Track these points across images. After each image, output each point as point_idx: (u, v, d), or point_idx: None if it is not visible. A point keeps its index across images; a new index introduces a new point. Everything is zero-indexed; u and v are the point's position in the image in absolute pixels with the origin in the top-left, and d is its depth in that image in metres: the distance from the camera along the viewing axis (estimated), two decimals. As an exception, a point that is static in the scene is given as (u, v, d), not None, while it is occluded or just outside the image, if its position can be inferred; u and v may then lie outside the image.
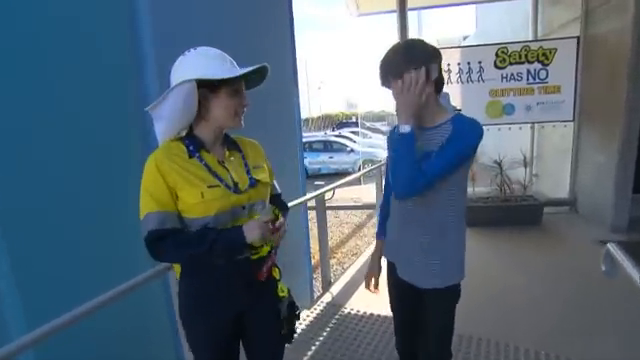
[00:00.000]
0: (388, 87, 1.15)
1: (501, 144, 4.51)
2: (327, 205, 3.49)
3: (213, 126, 1.08)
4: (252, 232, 1.00)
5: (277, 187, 1.31)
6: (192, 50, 1.05)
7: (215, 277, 1.07)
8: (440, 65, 1.13)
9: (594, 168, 4.12)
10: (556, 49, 4.12)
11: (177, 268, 1.13)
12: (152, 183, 0.99)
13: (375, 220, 4.84)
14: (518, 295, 2.69)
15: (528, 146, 4.98)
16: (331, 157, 11.95)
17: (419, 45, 1.12)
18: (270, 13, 2.81)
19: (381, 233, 1.40)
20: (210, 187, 1.02)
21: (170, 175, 0.99)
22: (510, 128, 4.50)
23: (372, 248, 1.27)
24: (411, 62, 1.08)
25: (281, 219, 1.11)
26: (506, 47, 4.27)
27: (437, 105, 1.17)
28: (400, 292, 1.34)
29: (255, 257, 1.10)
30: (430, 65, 1.09)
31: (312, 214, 3.65)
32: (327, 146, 12.30)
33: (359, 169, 10.06)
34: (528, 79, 4.28)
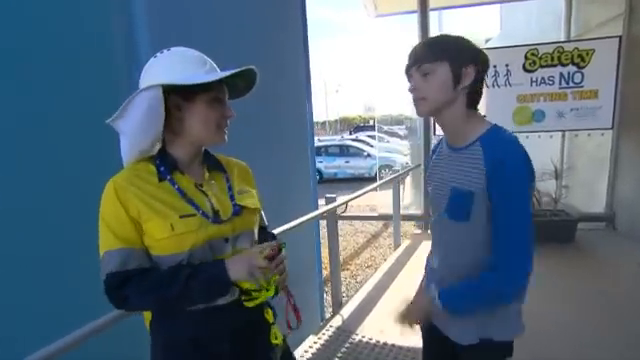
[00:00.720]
0: (409, 79, 0.95)
1: (529, 153, 4.17)
2: (340, 215, 3.28)
3: (189, 142, 0.88)
4: (237, 267, 0.81)
5: (264, 219, 1.11)
6: (165, 51, 0.86)
7: (193, 321, 0.87)
8: (481, 71, 0.89)
9: (635, 181, 3.74)
10: (594, 50, 3.77)
11: (147, 315, 0.93)
12: (111, 214, 0.81)
13: (391, 230, 4.57)
14: (550, 325, 2.37)
15: (559, 156, 4.61)
16: (347, 161, 11.78)
17: (455, 40, 0.90)
18: (282, 17, 2.65)
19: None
20: (183, 217, 0.82)
21: (133, 204, 0.80)
22: (540, 136, 4.16)
23: (388, 260, 1.07)
24: (436, 54, 0.87)
25: (283, 252, 0.90)
26: (536, 48, 3.95)
27: (468, 120, 0.93)
28: (431, 342, 1.12)
29: (250, 304, 0.89)
30: (463, 65, 0.87)
31: (324, 223, 3.43)
32: (343, 150, 12.14)
33: (375, 175, 9.79)
34: (561, 83, 3.94)
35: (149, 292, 0.80)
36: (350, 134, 20.69)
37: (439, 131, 4.23)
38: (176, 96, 0.83)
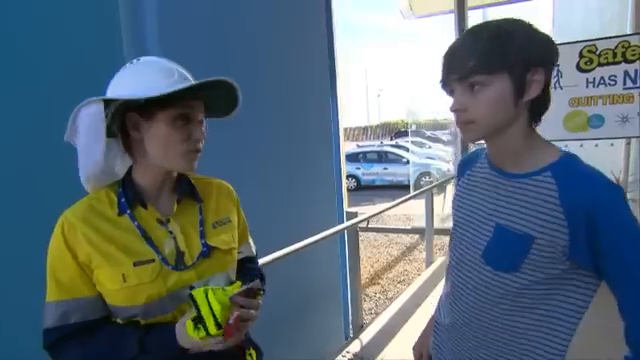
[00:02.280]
0: (448, 92, 0.71)
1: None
2: (368, 226, 3.07)
3: (152, 168, 0.77)
4: (186, 336, 0.68)
5: (252, 247, 0.97)
6: (135, 61, 0.75)
7: None
8: (550, 73, 0.67)
9: None
10: (667, 44, 3.24)
11: None
12: (55, 257, 0.71)
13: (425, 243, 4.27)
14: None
15: (622, 166, 4.04)
16: (385, 168, 11.47)
17: (516, 33, 0.63)
18: (303, 20, 2.54)
19: None
20: (139, 264, 0.71)
21: (82, 248, 0.70)
22: (597, 144, 3.66)
23: (419, 278, 0.92)
24: (492, 64, 0.63)
25: (254, 302, 0.74)
26: (594, 44, 3.49)
27: (530, 141, 0.70)
28: None
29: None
30: (529, 70, 0.64)
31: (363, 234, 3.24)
32: (381, 156, 11.84)
33: (414, 183, 9.38)
34: (625, 83, 3.43)
35: (88, 355, 0.70)
36: (391, 139, 20.22)
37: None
38: (134, 113, 0.72)
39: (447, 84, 0.69)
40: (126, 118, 0.73)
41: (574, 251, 0.63)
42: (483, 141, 0.75)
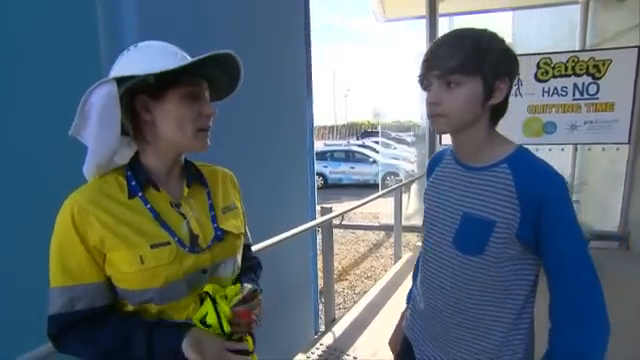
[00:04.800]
0: (424, 87, 0.78)
1: (539, 166, 3.99)
2: (340, 223, 3.13)
3: (164, 151, 0.76)
4: (195, 350, 0.68)
5: (249, 235, 0.98)
6: (132, 47, 0.74)
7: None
8: (512, 85, 0.76)
9: (652, 199, 3.53)
10: (611, 60, 3.59)
11: None
12: (62, 243, 0.68)
13: (392, 240, 4.41)
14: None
15: (570, 170, 4.42)
16: (352, 167, 11.64)
17: (493, 44, 0.72)
18: (282, 20, 2.55)
19: None
20: (155, 246, 0.70)
21: (94, 231, 0.68)
22: (550, 149, 3.97)
23: (388, 273, 0.96)
24: (472, 67, 0.71)
25: (258, 299, 0.78)
26: (549, 57, 3.78)
27: (490, 139, 0.79)
28: None
29: None
30: (498, 78, 0.73)
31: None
32: (349, 156, 12.02)
33: (381, 182, 9.61)
34: (574, 94, 3.76)
35: (92, 347, 0.68)
36: (357, 139, 20.55)
37: (446, 139, 4.08)
38: (143, 95, 0.71)
39: (426, 79, 0.76)
40: (135, 100, 0.72)
41: (522, 232, 0.72)
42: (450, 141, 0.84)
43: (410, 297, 1.03)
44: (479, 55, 0.71)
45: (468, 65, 0.70)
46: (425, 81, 0.77)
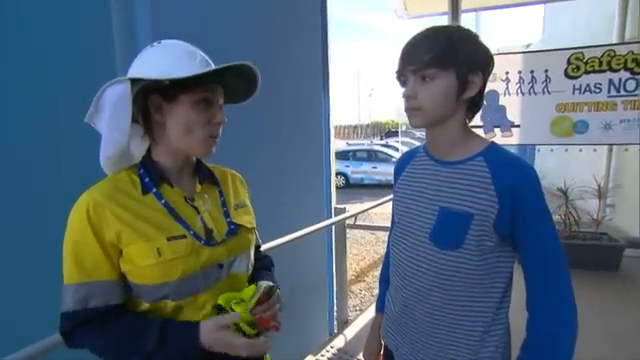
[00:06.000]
0: (402, 83, 0.79)
1: (568, 168, 3.79)
2: (354, 224, 3.08)
3: (172, 151, 0.77)
4: (211, 341, 0.68)
5: (258, 237, 0.98)
6: (156, 44, 0.75)
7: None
8: (486, 80, 0.78)
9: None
10: (651, 55, 3.34)
11: None
12: (77, 240, 0.69)
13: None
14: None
15: (604, 172, 4.15)
16: (375, 167, 11.51)
17: (467, 40, 0.75)
18: (299, 17, 2.53)
19: None
20: (172, 239, 0.70)
21: (110, 226, 0.68)
22: (581, 150, 3.75)
23: None
24: (445, 61, 0.73)
25: (276, 295, 0.77)
26: (582, 52, 3.56)
27: (465, 134, 0.81)
28: None
29: None
30: (471, 72, 0.75)
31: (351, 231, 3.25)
32: (371, 155, 11.89)
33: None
34: (610, 91, 3.52)
35: (104, 340, 0.69)
36: (381, 139, 20.34)
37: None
38: (157, 95, 0.72)
39: (402, 74, 0.78)
40: (149, 100, 0.73)
41: (499, 223, 0.73)
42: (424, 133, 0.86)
43: (382, 305, 1.01)
44: (452, 48, 0.73)
45: (441, 58, 0.73)
46: (402, 77, 0.78)
